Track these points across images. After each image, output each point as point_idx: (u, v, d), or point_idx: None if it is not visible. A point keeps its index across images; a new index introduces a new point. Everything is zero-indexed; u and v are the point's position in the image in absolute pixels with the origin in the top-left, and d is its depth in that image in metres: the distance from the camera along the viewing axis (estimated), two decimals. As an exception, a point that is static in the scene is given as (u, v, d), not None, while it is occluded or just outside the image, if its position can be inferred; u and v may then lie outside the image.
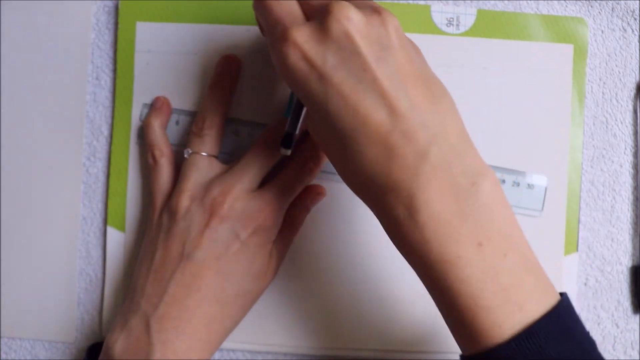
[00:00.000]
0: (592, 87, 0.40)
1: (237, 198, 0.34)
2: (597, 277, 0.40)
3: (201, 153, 0.36)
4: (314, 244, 0.39)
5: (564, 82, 0.39)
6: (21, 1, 0.40)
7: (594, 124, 0.40)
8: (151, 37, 0.39)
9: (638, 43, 0.40)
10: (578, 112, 0.39)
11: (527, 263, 0.28)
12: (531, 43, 0.39)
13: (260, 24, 0.33)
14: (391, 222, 0.28)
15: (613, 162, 0.40)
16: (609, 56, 0.40)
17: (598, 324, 0.40)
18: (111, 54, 0.40)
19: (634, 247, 0.40)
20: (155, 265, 0.34)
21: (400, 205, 0.27)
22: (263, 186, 0.36)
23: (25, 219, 0.40)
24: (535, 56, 0.39)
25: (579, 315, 0.28)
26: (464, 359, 0.28)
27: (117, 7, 0.40)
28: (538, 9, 0.40)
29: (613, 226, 0.40)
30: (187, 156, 0.37)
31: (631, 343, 0.40)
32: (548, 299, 0.27)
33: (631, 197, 0.40)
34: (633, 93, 0.40)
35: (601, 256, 0.40)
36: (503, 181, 0.39)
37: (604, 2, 0.40)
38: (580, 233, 0.40)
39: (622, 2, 0.40)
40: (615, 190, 0.40)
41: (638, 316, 0.40)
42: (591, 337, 0.28)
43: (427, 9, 0.39)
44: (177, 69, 0.39)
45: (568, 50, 0.39)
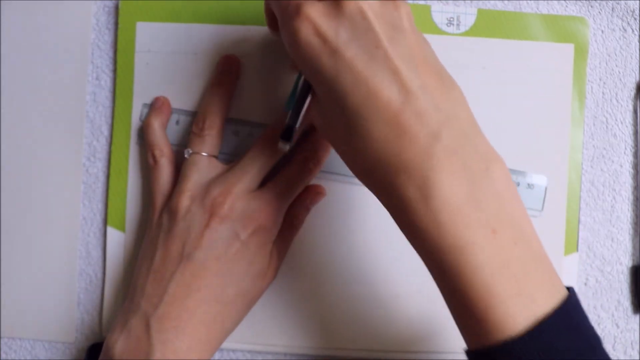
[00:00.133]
0: (592, 87, 0.40)
1: (237, 198, 0.34)
2: (597, 277, 0.40)
3: (201, 153, 0.36)
4: (314, 244, 0.39)
5: (565, 82, 0.39)
6: (21, 1, 0.40)
7: (594, 124, 0.40)
8: (151, 37, 0.39)
9: (638, 43, 0.40)
10: (578, 112, 0.39)
11: (537, 253, 0.27)
12: (532, 43, 0.39)
13: (268, 14, 0.33)
14: (400, 205, 0.27)
15: (613, 162, 0.40)
16: (609, 56, 0.40)
17: (598, 324, 0.40)
18: (111, 54, 0.40)
19: (634, 247, 0.40)
20: (155, 265, 0.34)
21: (412, 186, 0.26)
22: (263, 186, 0.36)
23: (25, 219, 0.40)
24: (535, 56, 0.39)
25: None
26: (470, 354, 0.27)
27: (117, 7, 0.40)
28: (538, 9, 0.40)
29: (613, 226, 0.40)
30: (188, 156, 0.37)
31: (631, 343, 0.40)
32: (557, 292, 0.26)
33: (631, 197, 0.40)
34: (633, 93, 0.40)
35: (601, 256, 0.40)
36: (503, 181, 0.39)
37: (604, 2, 0.40)
38: (580, 233, 0.40)
39: (622, 2, 0.40)
40: (615, 190, 0.40)
41: (638, 316, 0.40)
42: (597, 333, 0.27)
43: (428, 9, 0.39)
44: (177, 69, 0.39)
45: (569, 50, 0.39)
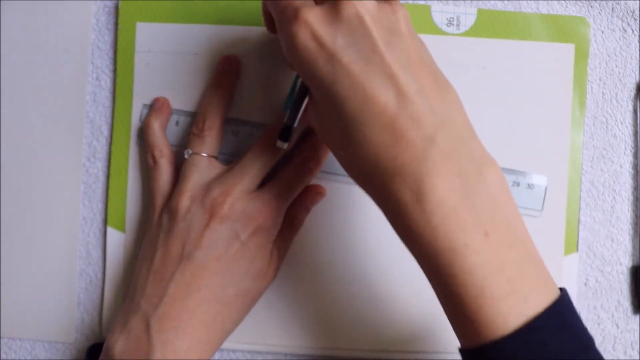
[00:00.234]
0: (592, 88, 0.40)
1: (237, 198, 0.34)
2: (597, 277, 0.40)
3: (201, 154, 0.36)
4: (314, 244, 0.39)
5: (565, 82, 0.39)
6: (21, 1, 0.40)
7: (594, 124, 0.40)
8: (151, 37, 0.39)
9: (638, 43, 0.40)
10: (578, 112, 0.39)
11: (530, 255, 0.28)
12: (532, 43, 0.39)
13: (266, 15, 0.33)
14: (396, 209, 0.27)
15: (613, 162, 0.40)
16: (609, 56, 0.40)
17: (598, 324, 0.40)
18: (111, 54, 0.40)
19: (634, 247, 0.40)
20: (155, 265, 0.34)
21: (406, 190, 0.27)
22: (263, 186, 0.36)
23: (25, 219, 0.40)
24: (536, 56, 0.39)
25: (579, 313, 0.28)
26: (464, 353, 0.28)
27: (117, 7, 0.40)
28: (538, 9, 0.40)
29: (613, 226, 0.40)
30: (187, 157, 0.37)
31: (631, 343, 0.40)
32: (550, 293, 0.27)
33: (631, 197, 0.40)
34: (633, 93, 0.40)
35: (601, 256, 0.40)
36: (503, 181, 0.39)
37: (604, 2, 0.40)
38: (580, 233, 0.40)
39: (622, 2, 0.40)
40: (615, 190, 0.40)
41: (638, 316, 0.40)
42: (589, 334, 0.28)
43: (427, 9, 0.39)
44: (177, 69, 0.39)
45: (569, 50, 0.39)
